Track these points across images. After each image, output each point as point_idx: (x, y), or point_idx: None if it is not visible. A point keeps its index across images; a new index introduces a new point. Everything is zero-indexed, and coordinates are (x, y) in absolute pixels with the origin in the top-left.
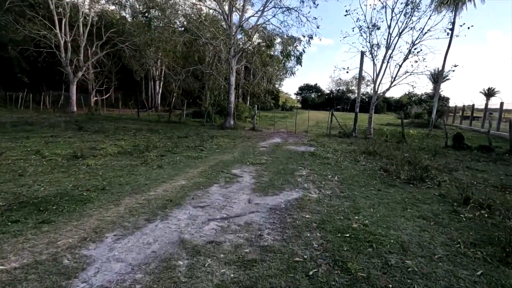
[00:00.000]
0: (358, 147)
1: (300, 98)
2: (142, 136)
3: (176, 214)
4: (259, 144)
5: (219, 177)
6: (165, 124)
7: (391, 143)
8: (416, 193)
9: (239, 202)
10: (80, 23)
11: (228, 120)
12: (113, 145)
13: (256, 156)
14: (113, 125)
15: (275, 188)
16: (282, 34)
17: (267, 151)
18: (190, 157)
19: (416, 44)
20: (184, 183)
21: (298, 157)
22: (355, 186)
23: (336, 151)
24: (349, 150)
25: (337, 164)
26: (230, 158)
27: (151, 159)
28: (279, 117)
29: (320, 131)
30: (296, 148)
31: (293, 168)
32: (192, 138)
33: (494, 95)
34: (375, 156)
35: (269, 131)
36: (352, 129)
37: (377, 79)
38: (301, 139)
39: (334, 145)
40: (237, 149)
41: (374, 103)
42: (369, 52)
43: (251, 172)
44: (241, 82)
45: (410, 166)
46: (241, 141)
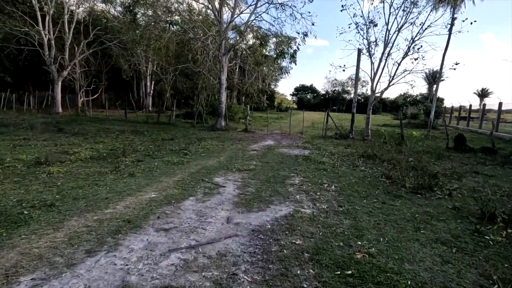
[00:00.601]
0: (356, 149)
1: (295, 99)
2: (124, 138)
3: (130, 242)
4: (250, 147)
5: (198, 188)
6: (153, 125)
7: (390, 145)
8: (426, 206)
9: (215, 221)
10: (65, 20)
11: (219, 121)
12: (88, 149)
13: (244, 161)
14: (96, 127)
15: (261, 201)
16: (276, 33)
17: (258, 155)
18: (170, 162)
19: (415, 41)
20: (154, 195)
21: (291, 161)
22: (355, 197)
23: (333, 155)
24: (347, 154)
25: (334, 170)
26: (215, 164)
27: (125, 166)
28: (273, 118)
29: (316, 133)
30: (289, 151)
31: (284, 175)
32: (178, 140)
33: (487, 95)
34: (374, 160)
35: (262, 132)
36: (349, 130)
37: (375, 78)
38: (295, 141)
39: (330, 147)
40: (225, 152)
41: (372, 103)
42: (366, 50)
43: (236, 181)
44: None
45: (415, 171)
46: (231, 143)
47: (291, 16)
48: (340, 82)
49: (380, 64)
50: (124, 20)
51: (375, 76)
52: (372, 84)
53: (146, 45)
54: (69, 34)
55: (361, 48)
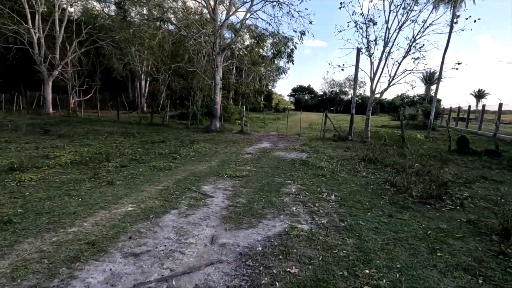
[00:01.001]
0: (355, 152)
1: (293, 99)
2: (113, 140)
3: (87, 274)
4: (245, 150)
5: (182, 199)
6: (146, 126)
7: (391, 147)
8: (438, 220)
9: (197, 242)
10: (56, 18)
11: (214, 123)
12: (72, 153)
13: (237, 166)
14: (86, 128)
15: (253, 215)
16: (273, 32)
17: (252, 159)
18: (156, 168)
19: (417, 39)
20: (131, 208)
21: (288, 166)
22: (358, 209)
23: (332, 159)
24: (346, 157)
25: (334, 176)
26: (205, 169)
27: (106, 172)
28: (270, 119)
29: (313, 134)
30: (286, 154)
31: (280, 183)
32: (169, 143)
33: (484, 96)
34: (376, 164)
35: (258, 134)
36: (348, 132)
37: (375, 77)
38: (292, 143)
39: (329, 150)
40: (218, 156)
41: (372, 104)
42: (365, 49)
43: (227, 190)
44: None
45: (421, 178)
46: (225, 146)
47: (288, 15)
48: (338, 83)
49: (380, 64)
50: (117, 18)
51: (375, 76)
52: (372, 84)
53: (139, 44)
54: (60, 33)
55: (360, 47)
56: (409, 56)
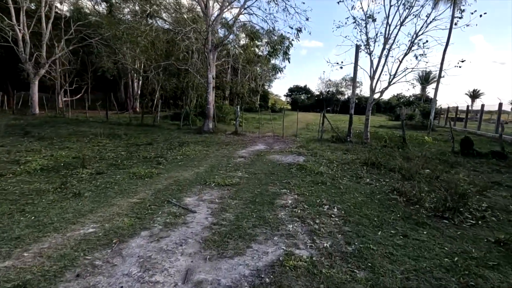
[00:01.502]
0: (356, 155)
1: (289, 99)
2: (97, 143)
3: None
4: (238, 152)
5: (158, 215)
6: (136, 127)
7: (392, 149)
8: (461, 240)
9: (165, 280)
10: (43, 15)
11: (207, 123)
12: (47, 157)
13: (228, 171)
14: (71, 129)
15: (240, 237)
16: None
17: (245, 163)
18: (136, 175)
19: (419, 36)
20: (92, 230)
21: (283, 172)
22: (366, 227)
23: (331, 163)
24: (347, 161)
25: (335, 184)
26: (191, 176)
27: (78, 180)
28: (266, 119)
29: (311, 135)
30: (281, 158)
31: (274, 193)
32: (157, 145)
33: (478, 96)
34: (380, 169)
35: (253, 135)
36: (347, 133)
37: (375, 76)
38: (288, 145)
39: (328, 153)
40: (207, 160)
41: (371, 104)
42: (364, 47)
43: (213, 202)
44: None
45: (430, 185)
46: (217, 148)
47: (284, 11)
48: (334, 83)
49: (380, 61)
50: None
51: (375, 74)
52: (372, 83)
53: (130, 42)
54: (47, 30)
55: (359, 44)
56: (409, 54)
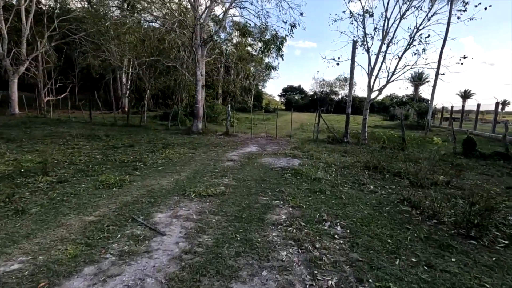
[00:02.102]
0: (355, 157)
1: (283, 99)
2: (72, 145)
3: None
4: (227, 155)
5: (116, 239)
6: (121, 128)
7: (392, 150)
8: (500, 270)
9: None
10: (22, 9)
11: (196, 124)
12: (8, 161)
13: (213, 178)
14: (48, 130)
15: (218, 273)
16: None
17: (234, 167)
18: (104, 184)
19: (420, 30)
20: (17, 266)
21: (276, 178)
22: (379, 253)
23: (329, 166)
24: (346, 164)
25: (335, 192)
26: (170, 185)
27: (32, 191)
28: (260, 119)
29: (305, 136)
30: (275, 161)
31: (265, 205)
32: (138, 147)
33: (470, 97)
34: (383, 173)
35: (245, 136)
36: (344, 133)
37: (373, 73)
38: (282, 146)
39: (325, 155)
40: (191, 165)
41: (369, 103)
42: (361, 43)
43: (189, 219)
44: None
45: (440, 191)
46: (204, 151)
47: (278, 6)
48: (328, 83)
49: (378, 58)
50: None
51: (373, 71)
52: (369, 81)
53: (116, 38)
54: (27, 25)
55: (356, 40)
56: (408, 51)
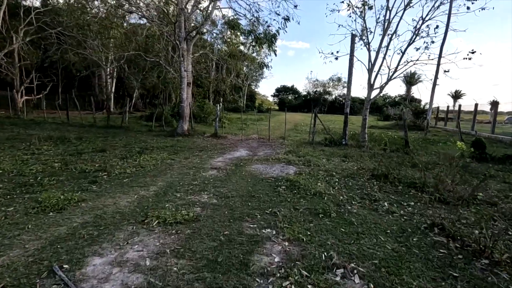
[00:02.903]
0: (358, 163)
1: (277, 100)
2: (33, 150)
3: None
4: (212, 161)
5: None
6: (99, 130)
7: (396, 154)
8: None
9: None
10: None
11: (181, 125)
12: None
13: (188, 194)
14: (14, 133)
15: None
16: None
17: (217, 178)
18: (43, 205)
19: (426, 21)
20: None
21: (268, 192)
22: None
23: (331, 175)
24: (350, 172)
25: (343, 214)
26: (129, 205)
27: None
28: (252, 120)
29: (300, 137)
30: (266, 169)
31: (251, 237)
32: (110, 153)
33: (460, 97)
34: (394, 184)
35: (235, 138)
36: (342, 135)
37: (373, 69)
38: (275, 150)
39: (323, 160)
40: (166, 175)
41: (370, 102)
42: (359, 37)
43: (138, 268)
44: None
45: (477, 213)
46: (187, 156)
47: None
48: (322, 83)
49: (379, 53)
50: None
51: (373, 67)
52: (370, 77)
53: (98, 33)
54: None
55: (355, 34)
56: (413, 44)
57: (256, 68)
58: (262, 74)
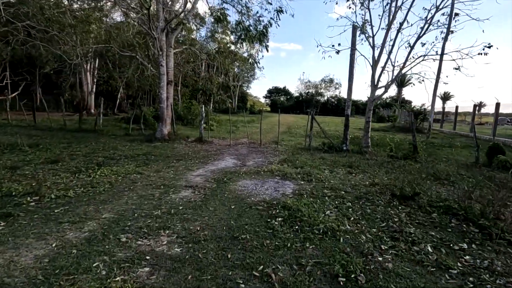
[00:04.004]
0: (367, 175)
1: (269, 101)
2: None
3: None
4: (189, 176)
5: None
6: (67, 134)
7: (407, 163)
8: None
9: None
10: None
11: (160, 128)
12: None
13: (139, 236)
14: None
15: None
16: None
17: (190, 203)
18: None
19: (440, 9)
20: None
21: (258, 231)
22: None
23: (340, 197)
24: (363, 191)
25: (373, 274)
26: (38, 263)
27: None
28: (244, 122)
29: (295, 141)
30: (256, 187)
31: None
32: (62, 164)
33: (449, 98)
34: (425, 209)
35: (223, 142)
36: (342, 140)
37: (377, 65)
38: (268, 158)
39: (325, 172)
40: (121, 199)
41: (373, 102)
42: (360, 31)
43: None
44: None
45: None
46: (159, 168)
47: None
48: (314, 84)
49: (384, 47)
50: None
51: (377, 63)
52: (373, 75)
53: (70, 26)
54: None
55: (357, 25)
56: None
57: (248, 69)
58: (253, 75)
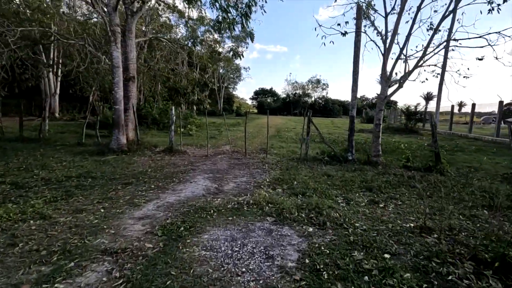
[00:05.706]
0: (398, 205)
1: (255, 103)
2: None
3: None
4: (123, 222)
5: None
6: (2, 143)
7: (433, 177)
8: None
9: None
10: None
11: (116, 137)
12: None
13: None
14: None
15: None
16: None
17: None
18: None
19: None
20: None
21: None
22: None
23: (390, 272)
24: (418, 249)
25: None
26: None
27: None
28: (229, 124)
29: (286, 148)
30: (234, 249)
31: None
32: None
33: (432, 99)
34: None
35: (200, 151)
36: (347, 147)
37: (388, 54)
38: (254, 175)
39: (340, 202)
40: None
41: (384, 101)
42: (365, 9)
43: None
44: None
45: None
46: (88, 203)
47: None
48: (301, 85)
49: (397, 28)
50: None
51: (389, 52)
52: (385, 67)
53: None
54: None
55: (361, 4)
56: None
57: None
58: (239, 76)
